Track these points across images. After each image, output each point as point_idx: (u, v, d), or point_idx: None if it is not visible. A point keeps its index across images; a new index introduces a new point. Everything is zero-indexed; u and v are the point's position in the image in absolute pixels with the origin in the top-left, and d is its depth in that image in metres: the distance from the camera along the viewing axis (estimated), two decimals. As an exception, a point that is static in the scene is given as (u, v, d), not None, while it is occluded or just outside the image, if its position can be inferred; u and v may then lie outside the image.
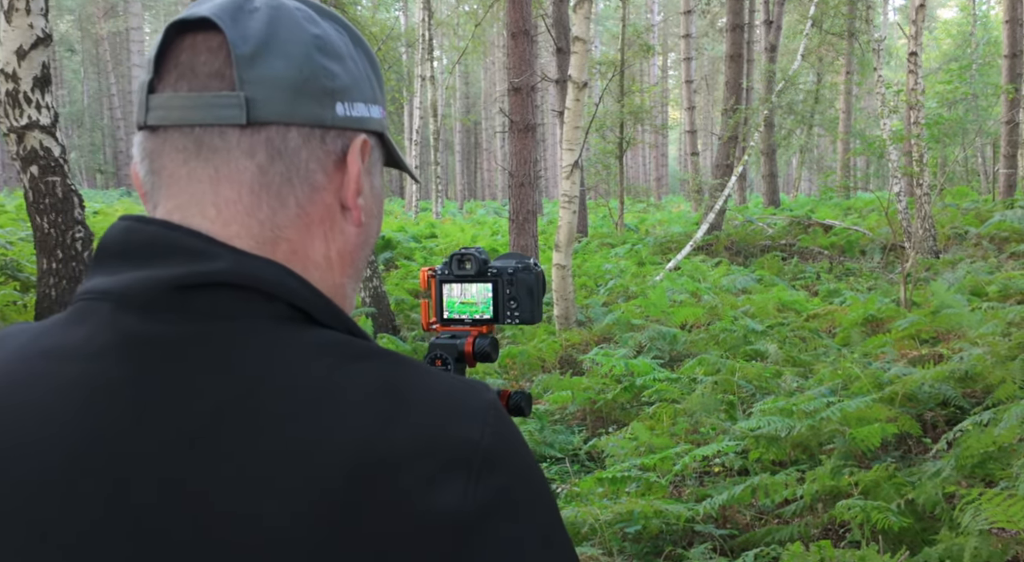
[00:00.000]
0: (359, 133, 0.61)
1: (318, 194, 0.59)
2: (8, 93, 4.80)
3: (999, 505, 2.40)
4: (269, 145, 0.57)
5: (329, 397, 0.50)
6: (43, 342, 0.56)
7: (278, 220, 0.57)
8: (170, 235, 0.55)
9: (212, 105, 0.56)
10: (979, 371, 4.17)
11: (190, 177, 0.57)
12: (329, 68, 0.59)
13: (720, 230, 12.58)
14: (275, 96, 0.56)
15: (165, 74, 0.57)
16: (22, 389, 0.54)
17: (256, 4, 0.58)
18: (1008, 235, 10.82)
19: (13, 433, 0.53)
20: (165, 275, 0.53)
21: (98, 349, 0.53)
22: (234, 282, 0.53)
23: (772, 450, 3.54)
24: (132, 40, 37.70)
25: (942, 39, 33.24)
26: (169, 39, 0.57)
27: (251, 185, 0.57)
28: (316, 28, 0.59)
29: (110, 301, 0.54)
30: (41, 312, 5.07)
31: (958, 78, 12.68)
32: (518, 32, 7.86)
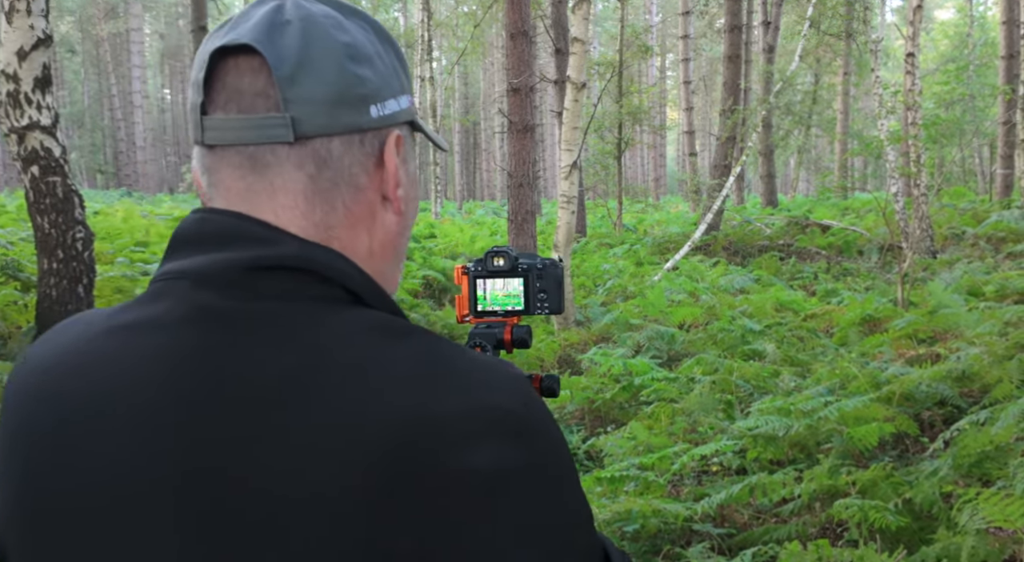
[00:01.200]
0: (392, 129, 0.66)
1: (362, 194, 0.65)
2: (9, 94, 4.80)
3: (996, 504, 2.40)
4: (316, 156, 0.62)
5: (379, 369, 0.55)
6: (121, 318, 0.61)
7: (329, 221, 0.63)
8: (242, 224, 0.61)
9: (262, 126, 0.61)
10: (976, 371, 4.18)
11: (249, 190, 0.63)
12: (361, 75, 0.63)
13: (718, 230, 12.60)
14: (316, 112, 0.61)
15: (215, 95, 0.62)
16: (107, 358, 0.60)
17: (287, 16, 0.62)
18: (1005, 235, 10.84)
19: (105, 399, 0.58)
20: (239, 257, 0.59)
21: (177, 321, 0.58)
22: (298, 266, 0.59)
23: (770, 449, 3.54)
24: (132, 41, 37.69)
25: (939, 40, 33.28)
26: (214, 62, 0.62)
27: (304, 193, 0.62)
28: (345, 35, 0.63)
29: (188, 279, 0.60)
30: (42, 312, 5.06)
31: (955, 79, 12.72)
32: (517, 33, 7.87)
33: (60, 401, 0.60)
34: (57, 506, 0.58)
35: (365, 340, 0.57)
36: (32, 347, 0.66)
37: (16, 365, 0.66)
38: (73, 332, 0.64)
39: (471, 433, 0.54)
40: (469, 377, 0.57)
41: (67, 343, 0.63)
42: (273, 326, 0.57)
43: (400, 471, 0.52)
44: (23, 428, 0.61)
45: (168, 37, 49.85)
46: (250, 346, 0.56)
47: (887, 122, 10.27)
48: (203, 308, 0.58)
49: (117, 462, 0.56)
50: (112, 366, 0.59)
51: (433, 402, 0.54)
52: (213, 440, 0.54)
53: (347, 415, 0.53)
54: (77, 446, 0.58)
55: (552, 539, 0.57)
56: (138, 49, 37.65)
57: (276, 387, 0.54)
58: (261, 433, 0.53)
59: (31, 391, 0.62)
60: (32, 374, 0.63)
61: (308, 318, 0.58)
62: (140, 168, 38.42)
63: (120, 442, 0.57)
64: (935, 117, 10.26)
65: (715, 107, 25.37)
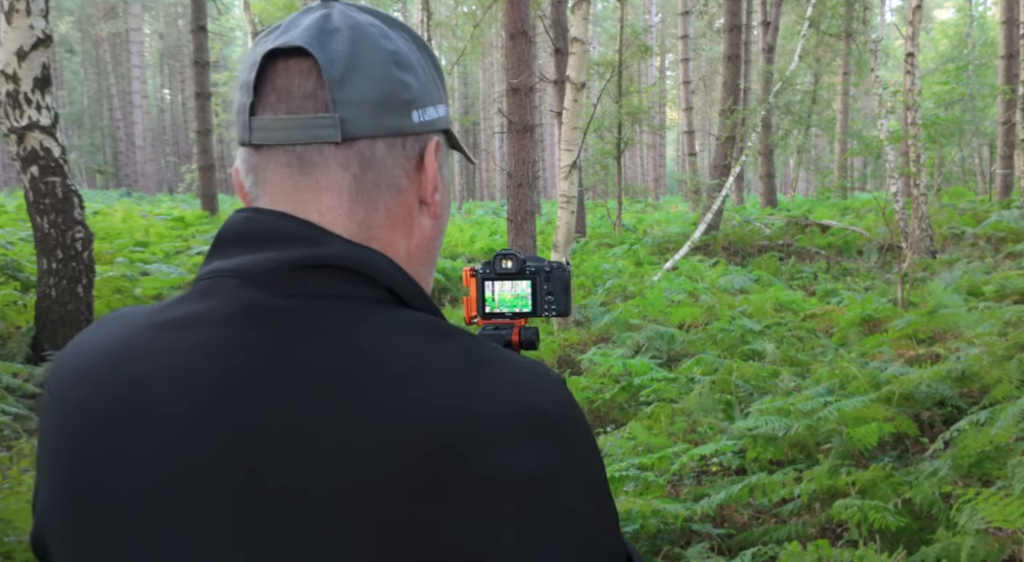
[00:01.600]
0: (432, 135, 0.69)
1: (402, 196, 0.67)
2: (8, 94, 4.82)
3: (995, 504, 2.40)
4: (360, 157, 0.64)
5: (421, 367, 0.57)
6: (165, 315, 0.62)
7: (371, 221, 0.65)
8: (289, 224, 0.63)
9: (310, 126, 0.63)
10: (976, 371, 4.18)
11: (295, 188, 0.64)
12: (405, 81, 0.66)
13: (718, 230, 12.60)
14: (363, 114, 0.63)
15: (263, 97, 0.64)
16: (153, 354, 0.60)
17: (336, 24, 0.65)
18: (1005, 235, 10.85)
19: (151, 392, 0.59)
20: (286, 256, 0.61)
21: (226, 317, 0.60)
22: (344, 265, 0.61)
23: (770, 449, 3.54)
24: (132, 41, 37.71)
25: (939, 40, 33.31)
26: (264, 65, 0.64)
27: (349, 192, 0.65)
28: (391, 44, 0.66)
29: (237, 277, 0.61)
30: (41, 312, 5.07)
31: (955, 79, 12.71)
32: (516, 33, 7.87)
33: (107, 398, 0.60)
34: (105, 503, 0.59)
35: (407, 339, 0.59)
36: (72, 345, 0.67)
37: (57, 362, 0.67)
38: (117, 329, 0.65)
39: (510, 433, 0.56)
40: (508, 377, 0.59)
41: (113, 340, 0.63)
42: (319, 324, 0.59)
43: (440, 469, 0.54)
44: (69, 425, 0.62)
45: (167, 37, 49.85)
46: (297, 343, 0.58)
47: (887, 122, 10.27)
48: (251, 305, 0.60)
49: (167, 458, 0.57)
50: (160, 362, 0.60)
51: (473, 402, 0.56)
52: (261, 435, 0.56)
53: (390, 412, 0.55)
54: (125, 442, 0.59)
55: (584, 540, 0.59)
56: (137, 49, 37.67)
57: (321, 383, 0.56)
58: (307, 427, 0.55)
59: (76, 388, 0.63)
60: (77, 371, 0.64)
61: (352, 317, 0.59)
62: (139, 168, 38.43)
63: (171, 437, 0.58)
64: (935, 117, 10.27)
65: (715, 107, 25.39)
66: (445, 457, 0.54)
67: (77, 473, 0.60)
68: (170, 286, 6.86)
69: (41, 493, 0.64)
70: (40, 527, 0.64)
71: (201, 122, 15.30)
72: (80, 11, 42.79)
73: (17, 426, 4.08)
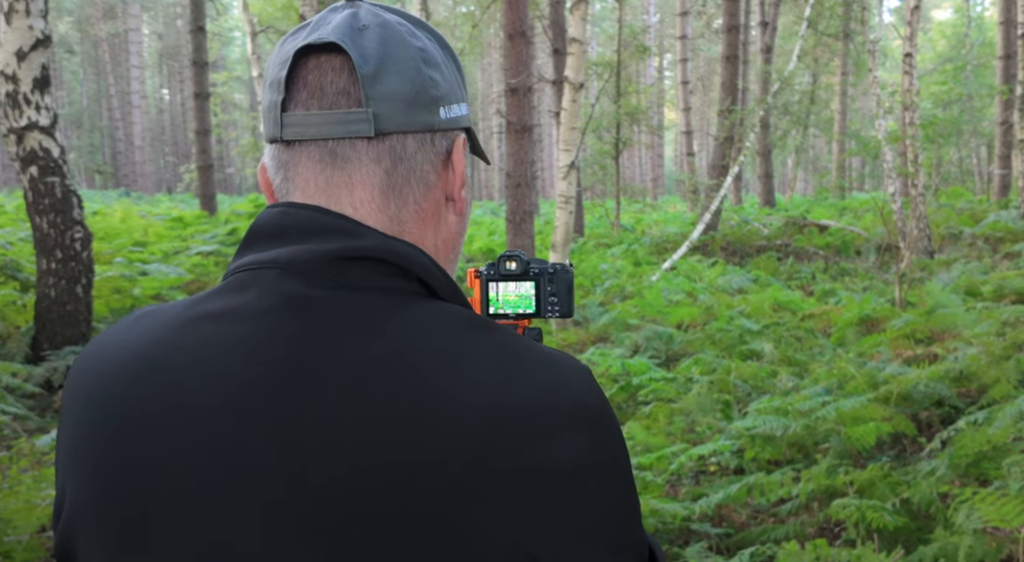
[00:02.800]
0: (458, 132, 0.70)
1: (431, 191, 0.68)
2: (8, 94, 4.82)
3: (993, 504, 2.41)
4: (392, 152, 0.65)
5: (462, 359, 0.58)
6: (202, 308, 0.62)
7: (402, 216, 0.66)
8: (325, 217, 0.63)
9: (344, 121, 0.64)
10: (974, 371, 4.18)
11: (328, 183, 0.65)
12: (433, 78, 0.67)
13: (716, 230, 12.62)
14: (395, 109, 0.64)
15: (295, 93, 0.64)
16: (190, 348, 0.60)
17: (364, 22, 0.65)
18: (1003, 235, 10.87)
19: (187, 386, 0.59)
20: (325, 248, 0.61)
21: (268, 308, 0.60)
22: (381, 257, 0.62)
23: (768, 449, 3.55)
24: (131, 42, 37.71)
25: (937, 40, 33.33)
26: (295, 63, 0.64)
27: (381, 187, 0.65)
28: (418, 42, 0.67)
29: (277, 268, 0.61)
30: (40, 312, 5.07)
31: (953, 79, 12.76)
32: (515, 33, 7.88)
33: (140, 394, 0.60)
34: (141, 504, 0.58)
35: (446, 332, 0.59)
36: (96, 343, 0.66)
37: (81, 362, 0.66)
38: (148, 325, 0.64)
39: (552, 427, 0.57)
40: (546, 371, 0.59)
41: (144, 335, 0.63)
42: (359, 316, 0.59)
43: (485, 462, 0.55)
44: (99, 424, 0.61)
45: (166, 37, 49.82)
46: (339, 334, 0.58)
47: (885, 122, 10.29)
48: (292, 297, 0.60)
49: (209, 450, 0.57)
50: (196, 356, 0.60)
51: (515, 395, 0.57)
52: (304, 429, 0.56)
53: (432, 406, 0.55)
54: (161, 440, 0.58)
55: (619, 529, 0.60)
56: (136, 49, 37.64)
57: (364, 375, 0.56)
58: (351, 421, 0.55)
59: (105, 386, 0.62)
60: (103, 370, 0.63)
61: (392, 308, 0.60)
62: (138, 168, 38.42)
63: (209, 433, 0.57)
64: (933, 117, 10.29)
65: (713, 107, 25.40)
66: (489, 451, 0.55)
67: (110, 474, 0.59)
68: (169, 286, 6.86)
69: (69, 495, 0.63)
70: (69, 530, 0.63)
71: (200, 122, 15.30)
72: (79, 11, 42.78)
73: (17, 426, 4.08)
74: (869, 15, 13.35)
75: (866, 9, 12.62)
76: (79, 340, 5.09)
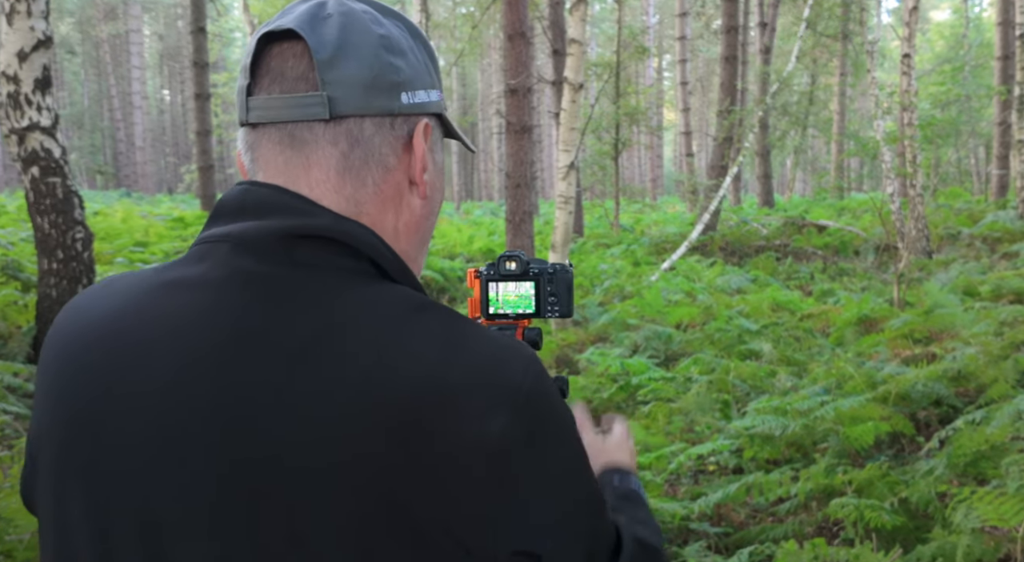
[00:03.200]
0: (421, 117, 0.71)
1: (390, 174, 0.69)
2: (9, 95, 4.82)
3: (991, 503, 2.42)
4: (349, 135, 0.67)
5: (400, 337, 0.60)
6: (164, 275, 0.66)
7: (359, 197, 0.68)
8: (282, 195, 0.66)
9: (301, 105, 0.66)
10: (972, 370, 4.19)
11: (287, 163, 0.68)
12: (394, 64, 0.68)
13: (715, 230, 12.63)
14: (351, 93, 0.66)
15: (259, 78, 0.68)
16: (151, 310, 0.64)
17: (329, 11, 0.68)
18: (1001, 235, 10.89)
19: (148, 346, 0.62)
20: (277, 225, 0.64)
21: (217, 280, 0.63)
22: (332, 237, 0.64)
23: (766, 449, 3.55)
24: (132, 42, 37.73)
25: (935, 41, 33.34)
26: (260, 48, 0.67)
27: (336, 168, 0.67)
28: (381, 29, 0.69)
29: (229, 242, 0.64)
30: (42, 312, 5.07)
31: (951, 80, 12.78)
32: (515, 34, 7.89)
33: (108, 347, 0.64)
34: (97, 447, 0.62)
35: (388, 312, 0.61)
36: (70, 308, 0.70)
37: (62, 320, 0.70)
38: (121, 287, 0.68)
39: (480, 406, 0.58)
40: (483, 352, 0.61)
41: (117, 299, 0.67)
42: (304, 292, 0.61)
43: (414, 438, 0.56)
44: (73, 379, 0.65)
45: (167, 38, 49.83)
46: (283, 308, 0.61)
47: (883, 123, 10.31)
48: (242, 271, 0.63)
49: (157, 405, 0.61)
50: (159, 320, 0.63)
51: (446, 374, 0.58)
52: (241, 400, 0.58)
53: (363, 382, 0.57)
54: (125, 385, 0.62)
55: (545, 511, 0.61)
56: (137, 50, 37.66)
57: (300, 351, 0.58)
58: (284, 395, 0.58)
59: (74, 345, 0.66)
60: (75, 331, 0.67)
61: (335, 287, 0.62)
62: (139, 169, 38.44)
63: (162, 385, 0.61)
64: (931, 118, 10.31)
65: (712, 108, 25.39)
66: (419, 428, 0.56)
67: (73, 428, 0.63)
68: (170, 286, 6.86)
69: (33, 438, 0.68)
70: (30, 469, 0.69)
71: (200, 123, 15.31)
72: (80, 12, 42.80)
73: (18, 425, 4.08)
74: (868, 16, 13.37)
75: (865, 10, 12.64)
76: (80, 340, 5.10)
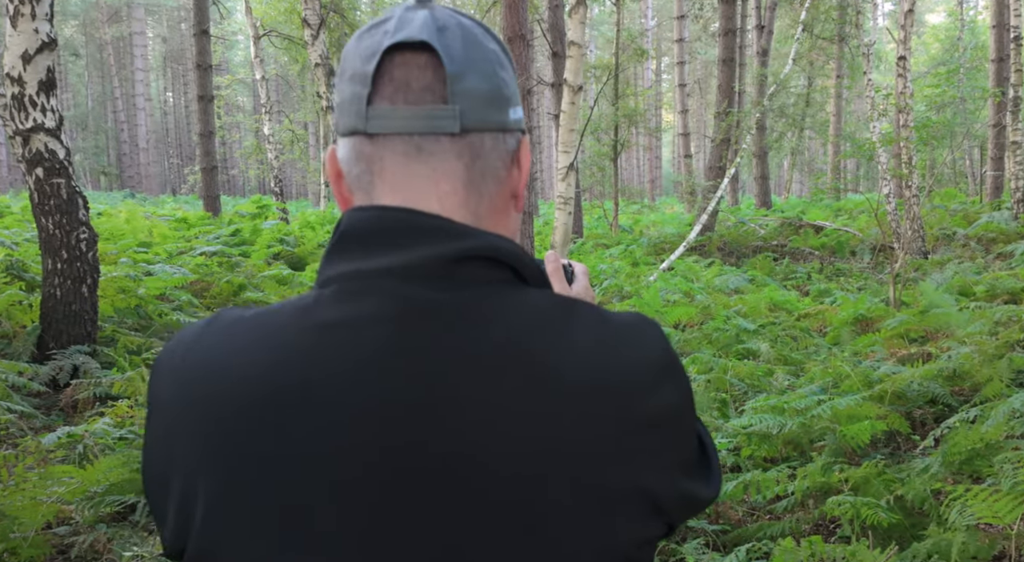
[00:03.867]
0: (521, 132, 0.73)
1: (502, 187, 0.71)
2: (14, 97, 4.83)
3: (985, 501, 2.42)
4: (471, 148, 0.68)
5: (572, 335, 0.64)
6: (318, 316, 0.63)
7: (480, 211, 0.69)
8: (421, 218, 0.66)
9: (430, 117, 0.66)
10: (967, 369, 4.20)
11: (413, 175, 0.67)
12: (505, 79, 0.70)
13: (713, 231, 12.68)
14: (476, 107, 0.67)
15: (380, 87, 0.66)
16: (330, 350, 0.62)
17: (444, 22, 0.68)
18: (995, 236, 10.94)
19: (333, 393, 0.61)
20: (438, 253, 0.64)
21: (394, 315, 0.62)
22: (486, 255, 0.66)
23: (764, 447, 3.55)
24: (135, 45, 37.73)
25: (930, 44, 33.39)
26: (382, 59, 0.66)
27: (463, 181, 0.68)
28: (492, 44, 0.70)
29: (393, 277, 0.64)
30: (46, 312, 5.09)
31: (946, 82, 12.82)
32: (514, 37, 7.92)
33: (292, 407, 0.61)
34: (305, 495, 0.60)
35: (554, 314, 0.65)
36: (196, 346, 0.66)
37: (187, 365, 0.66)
38: (263, 333, 0.64)
39: (652, 381, 0.66)
40: (635, 335, 0.67)
41: (268, 342, 0.63)
42: (478, 309, 0.64)
43: (606, 419, 0.62)
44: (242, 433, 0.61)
45: (170, 41, 49.84)
46: (463, 331, 0.63)
47: (879, 124, 10.35)
48: (414, 302, 0.63)
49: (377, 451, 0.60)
50: (336, 362, 0.61)
51: (618, 361, 0.64)
52: (456, 415, 0.60)
53: (556, 379, 0.62)
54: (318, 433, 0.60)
55: (697, 449, 0.72)
56: (141, 52, 37.67)
57: (496, 360, 0.62)
58: (494, 400, 0.61)
59: (239, 397, 0.62)
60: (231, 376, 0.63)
61: (502, 298, 0.65)
62: (143, 170, 38.45)
63: (367, 427, 0.60)
64: (926, 119, 10.34)
65: (710, 110, 25.45)
66: (609, 411, 0.62)
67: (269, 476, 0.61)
68: (173, 286, 6.88)
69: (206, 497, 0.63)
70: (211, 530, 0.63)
71: (204, 124, 15.31)
72: (84, 15, 42.81)
73: (23, 424, 4.10)
74: (864, 19, 13.42)
75: (861, 13, 12.69)
76: (84, 339, 5.11)
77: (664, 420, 0.66)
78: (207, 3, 15.36)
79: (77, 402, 4.54)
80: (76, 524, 3.01)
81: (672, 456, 0.67)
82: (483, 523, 0.60)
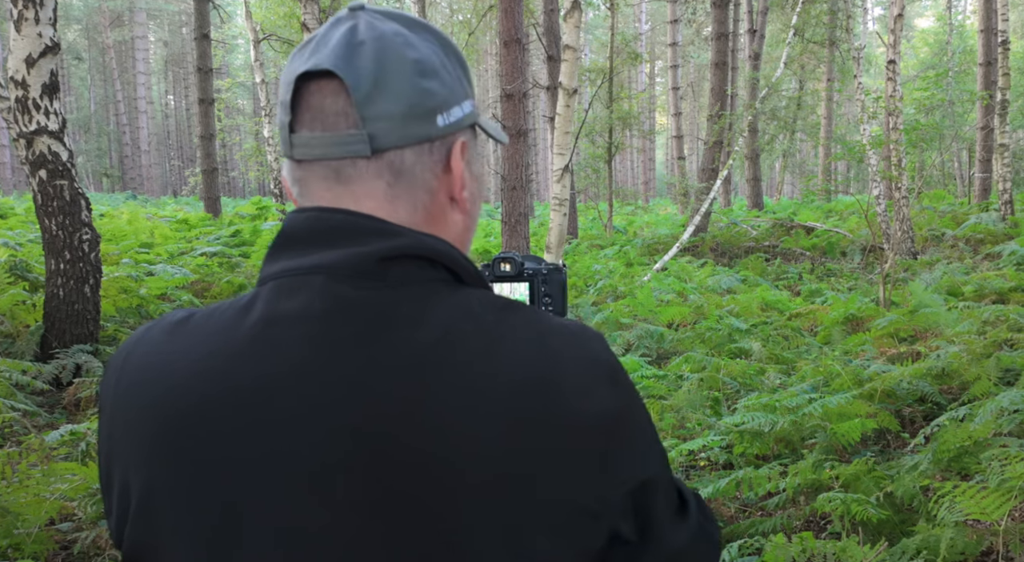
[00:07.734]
0: (457, 135, 0.72)
1: (434, 196, 0.71)
2: (18, 100, 4.85)
3: (973, 498, 2.42)
4: (391, 167, 0.68)
5: (501, 338, 0.64)
6: (253, 316, 0.65)
7: (415, 219, 0.70)
8: (359, 219, 0.67)
9: (343, 142, 0.67)
10: (955, 368, 4.19)
11: (336, 199, 0.69)
12: (429, 89, 0.69)
13: (706, 232, 12.73)
14: (390, 127, 0.67)
15: (301, 115, 0.68)
16: (259, 349, 0.63)
17: (361, 37, 0.68)
18: (983, 237, 11.01)
19: (270, 384, 0.62)
20: (369, 251, 0.65)
21: (321, 313, 0.64)
22: (417, 254, 0.66)
23: (756, 445, 3.54)
24: (137, 49, 37.76)
25: (920, 48, 33.50)
26: (299, 86, 0.68)
27: (387, 197, 0.69)
28: (414, 52, 0.69)
29: (323, 274, 0.65)
30: (49, 311, 5.11)
31: (935, 85, 12.93)
32: (510, 40, 7.98)
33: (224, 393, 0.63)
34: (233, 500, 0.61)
35: (484, 314, 0.65)
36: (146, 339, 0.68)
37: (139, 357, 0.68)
38: (208, 326, 0.66)
39: (582, 381, 0.65)
40: (569, 339, 0.67)
41: (208, 337, 0.66)
42: (407, 309, 0.64)
43: (536, 420, 0.62)
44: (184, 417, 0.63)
45: (172, 44, 49.67)
46: (391, 328, 0.63)
47: (869, 127, 10.41)
48: (344, 299, 0.64)
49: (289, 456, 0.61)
50: (268, 355, 0.63)
51: (551, 363, 0.64)
52: (381, 414, 0.60)
53: (487, 378, 0.62)
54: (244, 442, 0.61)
55: (654, 468, 0.68)
56: (143, 56, 37.68)
57: (424, 360, 0.62)
58: (419, 403, 0.61)
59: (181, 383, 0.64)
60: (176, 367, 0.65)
61: (432, 299, 0.65)
62: (145, 172, 38.46)
63: (298, 417, 0.61)
64: (916, 122, 10.44)
65: (703, 112, 25.55)
66: (540, 411, 0.61)
67: (200, 478, 0.62)
68: (174, 286, 6.91)
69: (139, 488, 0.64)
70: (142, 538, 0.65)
71: (204, 127, 15.31)
72: (87, 19, 42.74)
73: (26, 422, 4.12)
74: (854, 23, 13.53)
75: (851, 17, 12.78)
76: (87, 339, 5.14)
77: (598, 426, 0.63)
78: (208, 7, 15.36)
79: (80, 400, 4.58)
80: (79, 520, 3.02)
81: (612, 463, 0.64)
82: (402, 523, 0.60)
